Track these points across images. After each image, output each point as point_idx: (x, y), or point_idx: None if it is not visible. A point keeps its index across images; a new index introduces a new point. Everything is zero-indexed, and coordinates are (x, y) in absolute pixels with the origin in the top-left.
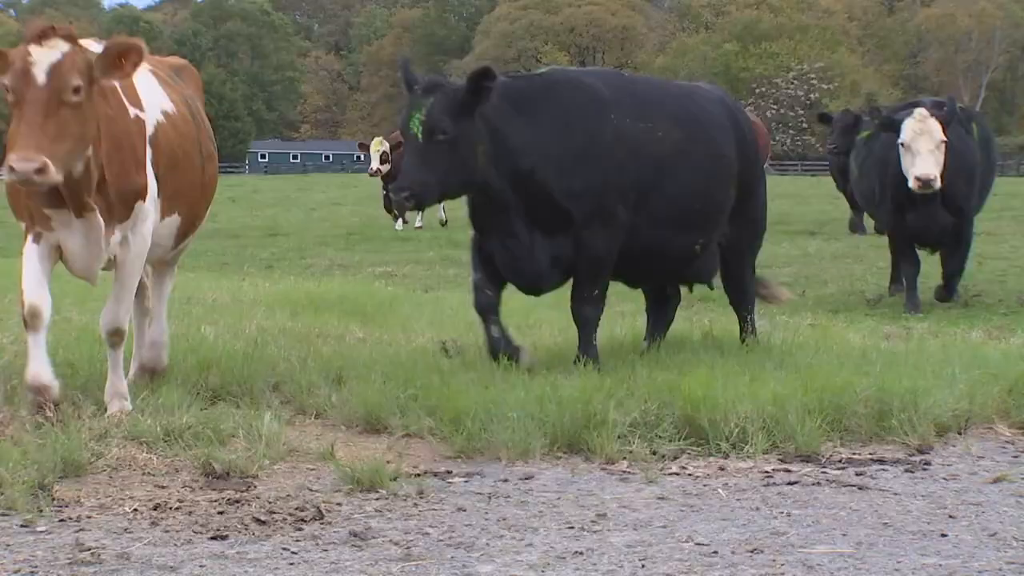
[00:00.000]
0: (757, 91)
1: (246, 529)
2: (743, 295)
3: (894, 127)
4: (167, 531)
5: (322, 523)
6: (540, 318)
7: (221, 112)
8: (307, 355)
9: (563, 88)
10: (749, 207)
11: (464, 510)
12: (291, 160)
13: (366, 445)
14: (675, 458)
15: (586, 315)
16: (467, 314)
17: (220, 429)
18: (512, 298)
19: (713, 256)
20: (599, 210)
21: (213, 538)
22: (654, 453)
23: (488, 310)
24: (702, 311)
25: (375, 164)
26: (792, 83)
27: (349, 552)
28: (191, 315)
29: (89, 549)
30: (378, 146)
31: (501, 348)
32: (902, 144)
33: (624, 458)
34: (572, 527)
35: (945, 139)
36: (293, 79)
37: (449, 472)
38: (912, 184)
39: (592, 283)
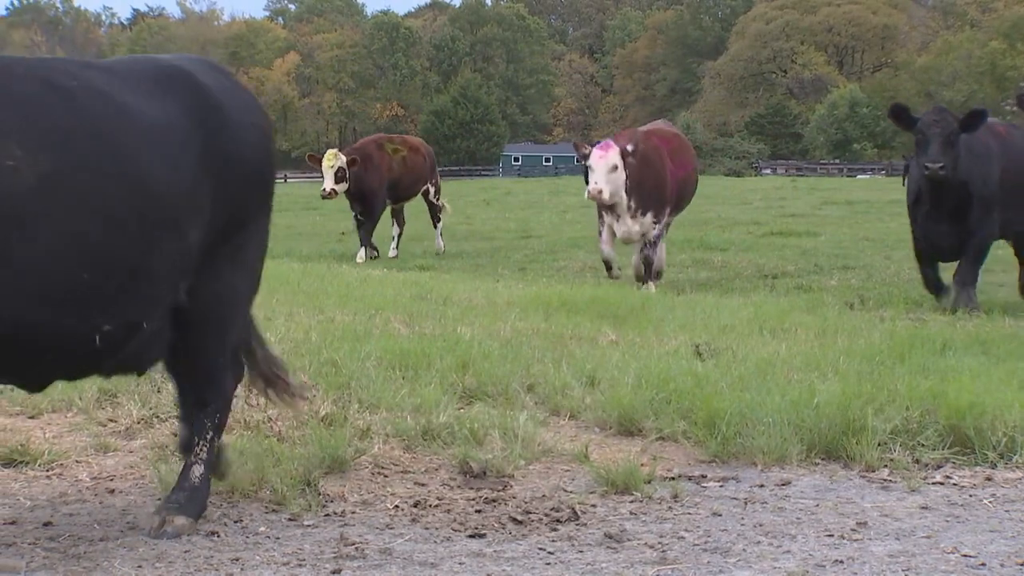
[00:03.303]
0: None
1: (503, 528)
2: (207, 388)
3: None
4: (427, 528)
5: (577, 524)
6: (796, 322)
7: (476, 116)
8: (560, 356)
9: None
10: (229, 255)
11: (719, 515)
12: (543, 163)
13: (620, 447)
14: (939, 467)
15: None
16: (720, 317)
17: (476, 429)
18: (768, 302)
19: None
20: None
21: (471, 536)
22: (916, 461)
23: None
24: (963, 315)
25: (328, 183)
26: None
27: (604, 554)
28: (447, 316)
29: (353, 544)
30: (332, 160)
31: None
32: None
33: (885, 466)
34: (831, 535)
35: None
36: (547, 82)
37: (704, 476)
38: None
39: None
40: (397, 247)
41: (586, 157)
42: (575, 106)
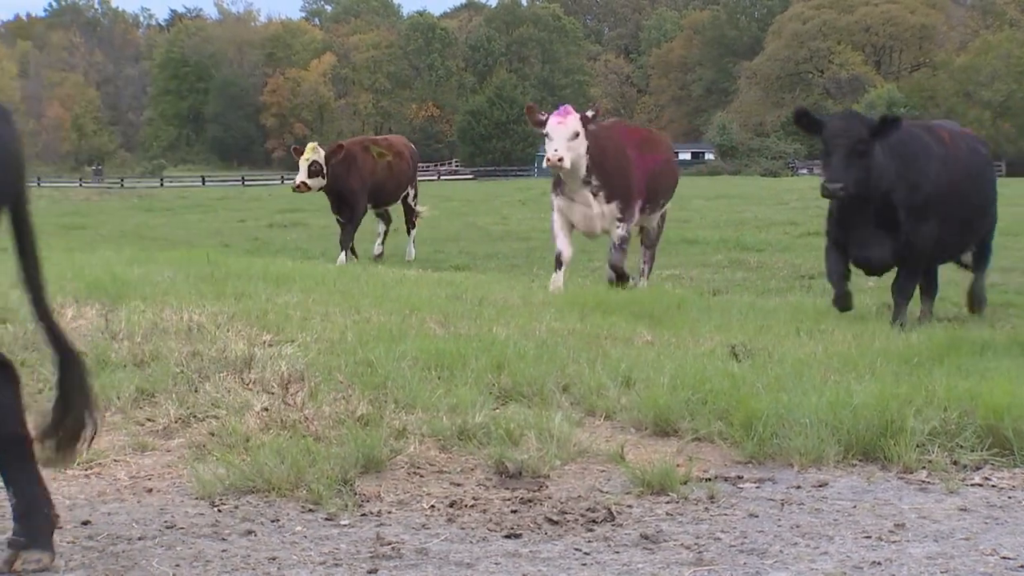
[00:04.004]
0: None
1: (539, 528)
2: None
3: None
4: (463, 528)
5: (613, 525)
6: (832, 323)
7: (512, 116)
8: (596, 357)
9: None
10: None
11: (756, 516)
12: None
13: (655, 448)
14: (977, 468)
15: None
16: (756, 318)
17: (512, 429)
18: (804, 303)
19: None
20: None
21: (507, 536)
22: (955, 463)
23: None
24: (1004, 317)
25: (300, 176)
26: None
27: (640, 554)
28: (483, 316)
29: (389, 543)
30: (309, 154)
31: None
32: None
33: (923, 467)
34: (869, 536)
35: None
36: (582, 82)
37: (740, 477)
38: None
39: None
40: (383, 243)
41: (542, 124)
42: (610, 106)
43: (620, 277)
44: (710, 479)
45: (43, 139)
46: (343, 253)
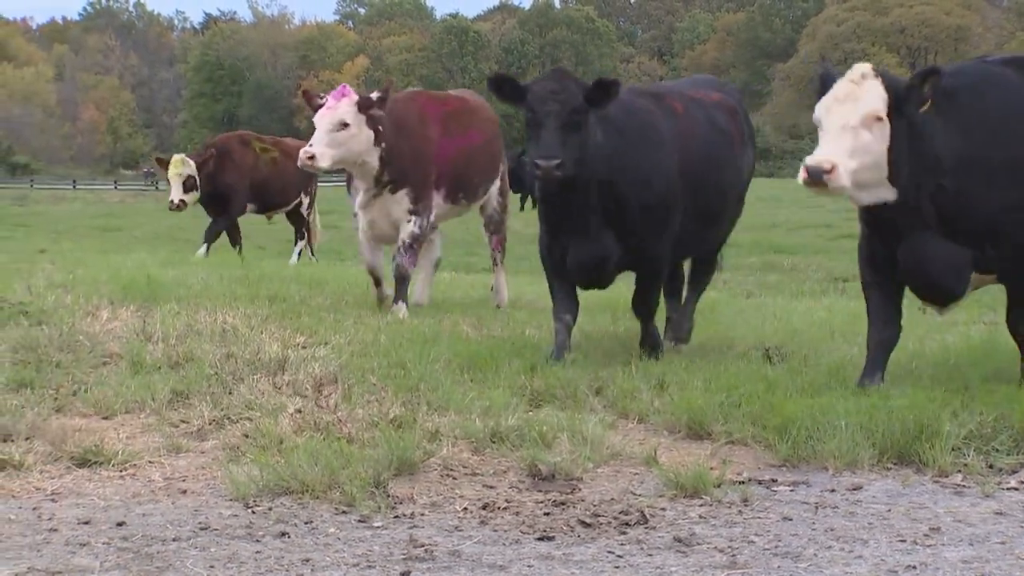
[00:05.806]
0: None
1: (572, 531)
2: None
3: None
4: (496, 530)
5: (646, 527)
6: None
7: None
8: (629, 360)
9: None
10: None
11: (790, 519)
12: None
13: (689, 451)
14: (1013, 472)
15: None
16: (790, 320)
17: (545, 431)
18: (838, 306)
19: None
20: None
21: (540, 539)
22: (990, 467)
23: None
24: None
25: (176, 194)
26: None
27: (674, 557)
28: (515, 319)
29: (422, 546)
30: (179, 167)
31: None
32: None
33: (958, 471)
34: (904, 540)
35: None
36: None
37: (774, 480)
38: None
39: None
40: (299, 257)
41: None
42: None
43: (401, 288)
44: (744, 482)
45: (78, 142)
46: (204, 246)
